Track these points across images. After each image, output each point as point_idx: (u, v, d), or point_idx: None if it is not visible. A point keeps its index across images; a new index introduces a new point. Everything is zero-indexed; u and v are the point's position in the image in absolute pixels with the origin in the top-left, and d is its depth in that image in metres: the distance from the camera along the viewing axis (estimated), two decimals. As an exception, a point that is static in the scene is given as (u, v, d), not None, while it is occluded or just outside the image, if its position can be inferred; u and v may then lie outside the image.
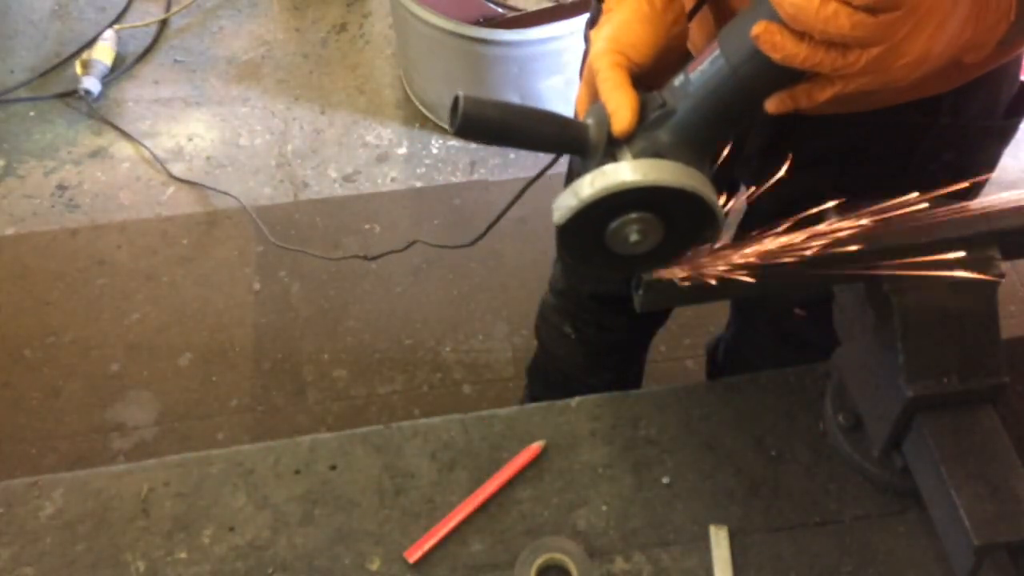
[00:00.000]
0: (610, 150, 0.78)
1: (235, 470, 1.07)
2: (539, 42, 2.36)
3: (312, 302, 2.32)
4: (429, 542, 1.01)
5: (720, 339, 1.69)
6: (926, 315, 0.89)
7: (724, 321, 1.65)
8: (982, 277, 0.86)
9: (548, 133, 0.79)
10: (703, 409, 1.10)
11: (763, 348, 1.42)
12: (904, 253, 0.87)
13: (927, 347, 0.90)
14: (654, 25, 0.83)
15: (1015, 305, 2.22)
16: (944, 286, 0.87)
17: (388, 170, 2.60)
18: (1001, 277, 0.88)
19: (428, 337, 2.25)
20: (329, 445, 1.09)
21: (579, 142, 0.79)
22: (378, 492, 1.05)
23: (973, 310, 0.89)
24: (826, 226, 0.83)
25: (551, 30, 2.33)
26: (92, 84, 2.72)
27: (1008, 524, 0.88)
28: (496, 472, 1.05)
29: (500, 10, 2.45)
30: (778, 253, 0.83)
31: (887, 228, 0.85)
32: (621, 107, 0.77)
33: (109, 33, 2.85)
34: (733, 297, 1.32)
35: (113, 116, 2.72)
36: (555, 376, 1.74)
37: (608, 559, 1.00)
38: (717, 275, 0.83)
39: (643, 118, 0.77)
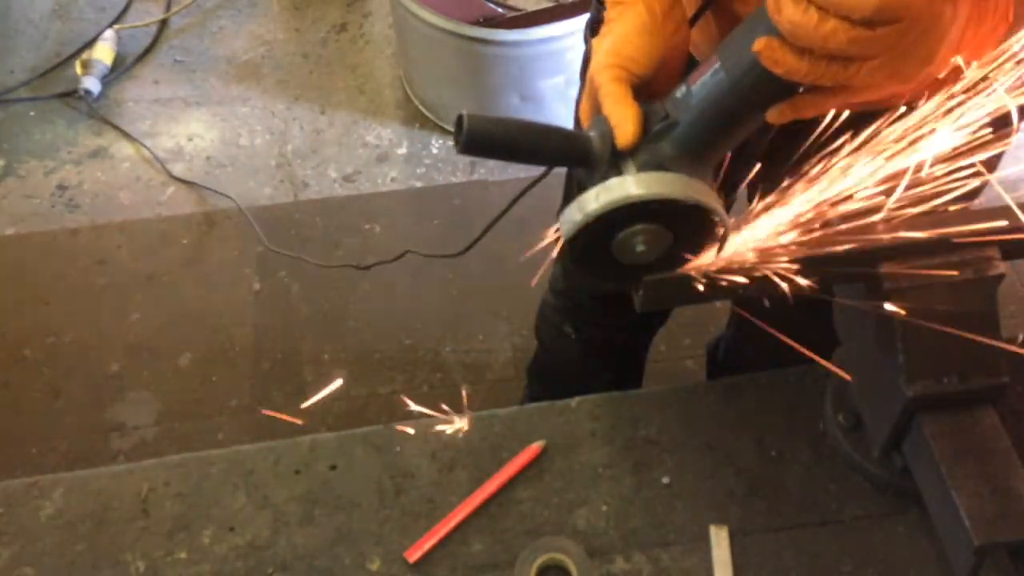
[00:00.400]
0: (614, 162, 0.78)
1: (235, 470, 1.07)
2: (539, 42, 2.35)
3: (312, 302, 2.32)
4: (429, 542, 1.01)
5: (720, 339, 1.69)
6: (926, 315, 0.89)
7: (724, 321, 1.65)
8: (982, 277, 0.86)
9: (552, 148, 0.79)
10: (703, 409, 1.10)
11: (763, 348, 1.41)
12: (904, 253, 0.87)
13: (927, 347, 0.90)
14: (654, 35, 0.83)
15: (1015, 305, 2.22)
16: (944, 286, 0.87)
17: (388, 170, 2.60)
18: (1001, 277, 0.88)
19: (428, 337, 2.24)
20: (329, 445, 1.09)
21: (583, 155, 0.79)
22: (378, 492, 1.05)
23: (973, 310, 0.89)
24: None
25: (551, 30, 2.33)
26: (92, 84, 2.72)
27: (1008, 524, 0.88)
28: (496, 472, 1.05)
29: (500, 10, 2.45)
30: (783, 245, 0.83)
31: (888, 228, 0.85)
32: (624, 120, 0.77)
33: (109, 33, 2.85)
34: (733, 297, 1.32)
35: (113, 116, 2.72)
36: (555, 376, 1.74)
37: (608, 559, 1.00)
38: (721, 272, 0.84)
39: (646, 131, 0.77)
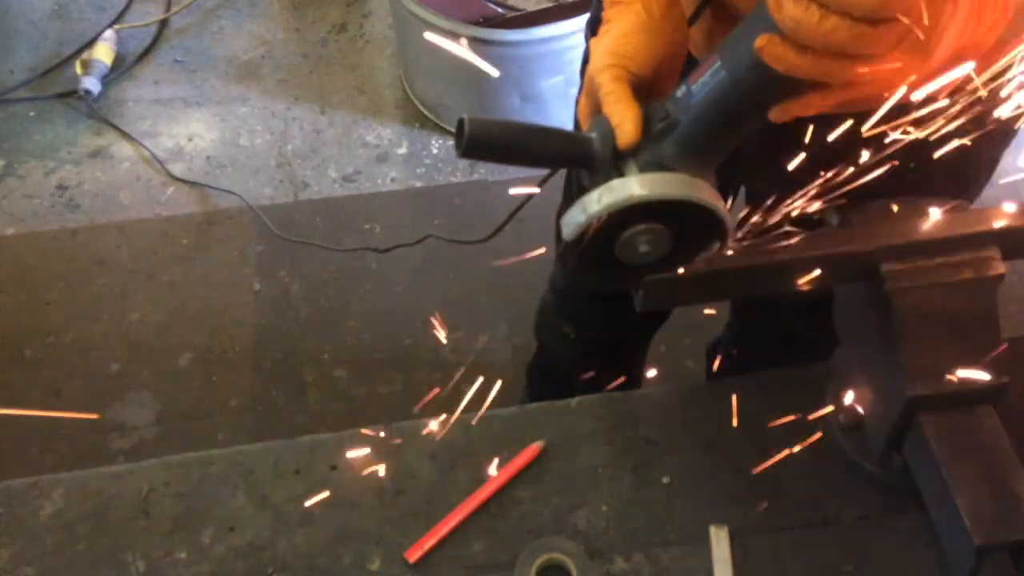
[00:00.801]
0: (615, 163, 0.78)
1: (235, 470, 1.07)
2: (539, 42, 2.35)
3: (312, 302, 2.32)
4: (429, 542, 1.00)
5: (720, 339, 1.69)
6: (926, 315, 0.89)
7: (724, 321, 1.65)
8: (982, 277, 0.86)
9: (553, 149, 0.79)
10: (703, 409, 1.10)
11: (763, 348, 1.41)
12: (904, 253, 0.87)
13: (927, 347, 0.90)
14: (653, 35, 0.83)
15: (1015, 305, 2.22)
16: (944, 286, 0.87)
17: (388, 170, 2.59)
18: (1001, 277, 0.88)
19: (428, 337, 2.24)
20: (329, 445, 1.09)
21: (584, 156, 0.79)
22: (378, 492, 1.05)
23: (973, 310, 0.89)
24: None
25: (551, 30, 2.33)
26: (92, 84, 2.72)
27: (1008, 524, 0.88)
28: (496, 472, 1.05)
29: (500, 10, 2.45)
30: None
31: (888, 227, 0.85)
32: (625, 121, 0.77)
33: (109, 33, 2.84)
34: (733, 297, 1.33)
35: (113, 116, 2.72)
36: (555, 376, 1.74)
37: (608, 559, 1.00)
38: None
39: (647, 130, 0.77)
